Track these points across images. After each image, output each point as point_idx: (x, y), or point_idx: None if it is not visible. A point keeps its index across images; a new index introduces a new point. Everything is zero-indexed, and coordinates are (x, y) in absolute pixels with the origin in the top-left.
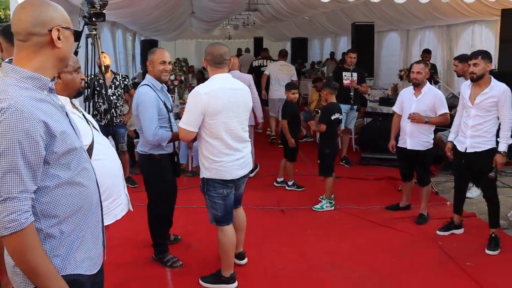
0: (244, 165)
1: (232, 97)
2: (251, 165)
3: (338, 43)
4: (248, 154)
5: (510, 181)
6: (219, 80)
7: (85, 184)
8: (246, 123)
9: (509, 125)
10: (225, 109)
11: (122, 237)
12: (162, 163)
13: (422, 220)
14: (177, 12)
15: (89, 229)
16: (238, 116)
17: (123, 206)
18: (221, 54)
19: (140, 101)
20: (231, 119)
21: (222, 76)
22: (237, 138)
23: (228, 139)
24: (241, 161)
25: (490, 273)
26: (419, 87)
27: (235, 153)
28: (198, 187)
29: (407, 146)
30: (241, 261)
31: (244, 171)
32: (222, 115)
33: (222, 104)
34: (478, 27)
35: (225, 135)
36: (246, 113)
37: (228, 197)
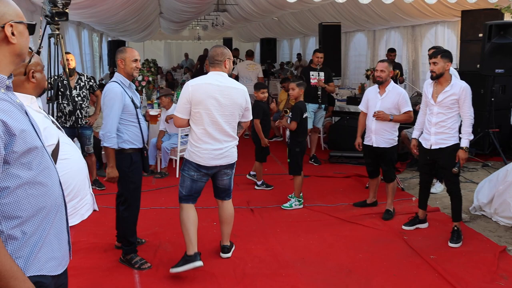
0: (221, 157)
1: (216, 92)
2: (230, 159)
3: (307, 44)
4: (229, 148)
5: (472, 176)
6: (208, 76)
7: (48, 184)
8: (233, 119)
9: (469, 122)
10: (206, 101)
11: (87, 241)
12: (132, 157)
13: (388, 216)
14: (144, 12)
15: (53, 229)
16: (222, 111)
17: (89, 206)
18: (213, 56)
19: (106, 95)
20: (213, 111)
21: (213, 73)
22: (219, 130)
23: (210, 129)
24: (218, 152)
25: (452, 264)
26: (383, 86)
27: (214, 143)
28: (167, 188)
29: (372, 144)
30: (223, 254)
31: (220, 162)
32: (203, 106)
33: (204, 96)
34: (441, 27)
35: (207, 125)
36: (232, 110)
37: (196, 181)
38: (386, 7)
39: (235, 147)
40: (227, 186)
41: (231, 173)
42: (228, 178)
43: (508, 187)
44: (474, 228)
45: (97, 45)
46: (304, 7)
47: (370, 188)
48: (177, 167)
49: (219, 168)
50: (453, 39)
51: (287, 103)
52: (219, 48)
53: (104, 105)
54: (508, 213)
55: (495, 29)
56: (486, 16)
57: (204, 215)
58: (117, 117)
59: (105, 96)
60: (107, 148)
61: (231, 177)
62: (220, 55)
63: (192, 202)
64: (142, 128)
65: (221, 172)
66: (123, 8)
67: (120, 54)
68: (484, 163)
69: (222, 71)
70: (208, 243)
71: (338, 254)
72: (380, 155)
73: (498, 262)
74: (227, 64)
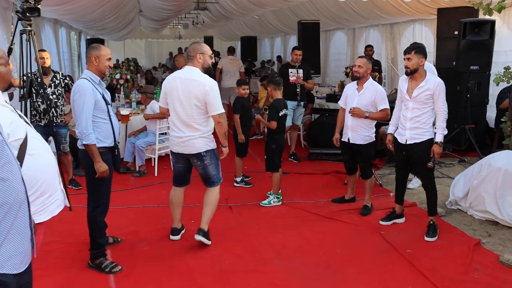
0: (182, 145)
1: (178, 84)
2: (192, 149)
3: (288, 42)
4: (190, 139)
5: (449, 172)
6: (179, 70)
7: (9, 179)
8: (191, 111)
9: (443, 117)
10: (171, 92)
11: (62, 241)
12: (103, 156)
13: (366, 211)
14: (123, 10)
15: (15, 225)
16: (181, 102)
17: (59, 202)
18: (187, 52)
19: (76, 91)
20: (175, 101)
21: (185, 68)
22: (179, 120)
23: (174, 117)
24: (180, 140)
25: (428, 258)
26: (361, 82)
27: (177, 132)
28: (145, 187)
29: (349, 140)
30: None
31: (182, 150)
32: (169, 97)
33: (169, 88)
34: (418, 25)
35: (172, 113)
36: (189, 101)
37: (175, 165)
38: (364, 5)
39: (198, 138)
40: (204, 176)
41: (203, 164)
42: (201, 168)
43: (482, 182)
44: (450, 222)
45: (75, 44)
46: (284, 5)
47: (348, 184)
48: (155, 166)
49: (187, 157)
50: (430, 36)
51: (267, 100)
52: (193, 44)
53: (74, 103)
54: (483, 206)
55: (470, 26)
56: (461, 14)
57: (182, 212)
58: (90, 113)
59: (75, 93)
60: (87, 145)
61: (205, 168)
62: (192, 50)
63: (177, 184)
64: (113, 126)
65: (193, 161)
66: (100, 6)
67: (95, 51)
68: (461, 158)
69: (194, 66)
70: (185, 240)
71: (315, 250)
72: (356, 152)
73: (472, 254)
74: (200, 59)
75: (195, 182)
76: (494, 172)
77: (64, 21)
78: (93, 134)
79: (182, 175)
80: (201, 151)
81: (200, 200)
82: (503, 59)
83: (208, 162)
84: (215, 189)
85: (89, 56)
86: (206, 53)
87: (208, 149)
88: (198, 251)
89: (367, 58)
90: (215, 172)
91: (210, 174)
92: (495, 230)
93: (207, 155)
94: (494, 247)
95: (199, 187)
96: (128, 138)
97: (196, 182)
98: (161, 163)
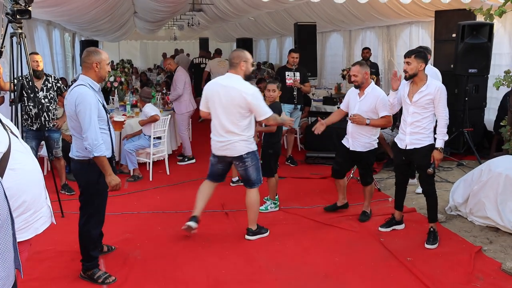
0: (223, 149)
1: (221, 91)
2: (233, 152)
3: (284, 44)
4: (230, 142)
5: (447, 176)
6: (222, 77)
7: None
8: (233, 117)
9: (444, 122)
10: (212, 97)
11: (54, 250)
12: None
13: (365, 217)
14: (117, 11)
15: None
16: (224, 108)
17: (45, 219)
18: (230, 59)
19: (80, 101)
20: (217, 108)
21: (227, 74)
22: (221, 126)
23: (216, 123)
24: (221, 145)
25: (429, 266)
26: (363, 88)
27: (218, 137)
28: (139, 192)
29: (349, 147)
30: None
31: (223, 153)
32: (211, 102)
33: (211, 94)
34: (415, 27)
35: (214, 119)
36: (231, 108)
37: (213, 165)
38: (361, 7)
39: (239, 142)
40: (244, 177)
41: (244, 165)
42: (242, 169)
43: (482, 187)
44: (450, 228)
45: (69, 45)
46: (280, 6)
47: (338, 190)
48: (150, 170)
49: (228, 159)
50: (427, 39)
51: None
52: (236, 52)
53: (79, 114)
54: (483, 212)
55: (468, 29)
56: (459, 17)
57: (177, 219)
58: (97, 123)
59: (79, 103)
60: (98, 157)
61: (246, 169)
62: (236, 58)
63: (210, 179)
64: (112, 135)
65: (235, 163)
66: (94, 7)
67: (96, 56)
68: (459, 162)
69: (236, 73)
70: (181, 248)
71: (314, 258)
72: (357, 159)
73: (474, 262)
74: (243, 66)
75: (190, 186)
76: (495, 177)
77: (58, 23)
78: (103, 145)
79: (219, 174)
80: (243, 154)
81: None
82: (501, 62)
83: (249, 163)
84: (254, 190)
85: (89, 62)
86: (248, 60)
87: (249, 151)
88: (193, 260)
89: (360, 64)
90: (255, 174)
91: (251, 176)
92: (496, 236)
93: (249, 157)
94: (495, 254)
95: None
96: (122, 141)
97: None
98: (156, 168)
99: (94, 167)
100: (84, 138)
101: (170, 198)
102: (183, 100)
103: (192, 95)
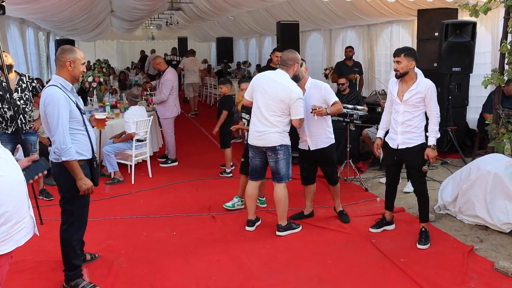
0: (259, 139)
1: (269, 83)
2: (268, 143)
3: (263, 43)
4: (267, 133)
5: (432, 175)
6: (272, 71)
7: None
8: (275, 109)
9: (436, 120)
10: (258, 88)
11: (33, 259)
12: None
13: (345, 217)
14: (94, 10)
15: None
16: (265, 100)
17: (27, 230)
18: (284, 59)
19: (48, 102)
20: (260, 98)
21: (277, 70)
22: (261, 115)
23: (256, 112)
24: (258, 134)
25: (422, 267)
26: (301, 85)
27: (257, 126)
28: (122, 196)
29: (309, 147)
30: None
31: (259, 143)
32: (255, 92)
33: (258, 84)
34: (396, 27)
35: (255, 108)
36: (274, 102)
37: (252, 159)
38: (343, 6)
39: (275, 133)
40: (274, 170)
41: (276, 157)
42: (274, 161)
43: (471, 186)
44: (440, 227)
45: (43, 45)
46: (260, 5)
47: (306, 197)
48: (132, 173)
49: (264, 150)
50: (407, 38)
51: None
52: (290, 53)
53: (47, 115)
54: (472, 211)
55: (452, 28)
56: (441, 15)
57: (162, 223)
58: (66, 125)
59: (48, 104)
60: (67, 162)
61: (277, 162)
62: (291, 59)
63: (253, 179)
64: (90, 136)
65: (268, 154)
66: (69, 6)
67: (70, 55)
68: (443, 160)
69: (287, 72)
70: (167, 253)
71: (307, 261)
72: (320, 158)
73: (467, 262)
74: (296, 68)
75: (174, 189)
76: (484, 176)
77: (32, 21)
78: (72, 148)
79: (258, 170)
80: (276, 145)
81: (184, 211)
82: (481, 60)
83: (281, 156)
84: (282, 185)
85: (63, 60)
86: (299, 62)
87: (283, 144)
88: (181, 266)
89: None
90: (285, 168)
91: (280, 170)
92: (486, 235)
93: (281, 149)
94: (487, 253)
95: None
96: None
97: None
98: (138, 171)
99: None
100: (52, 141)
101: (154, 201)
102: (168, 105)
103: (178, 99)
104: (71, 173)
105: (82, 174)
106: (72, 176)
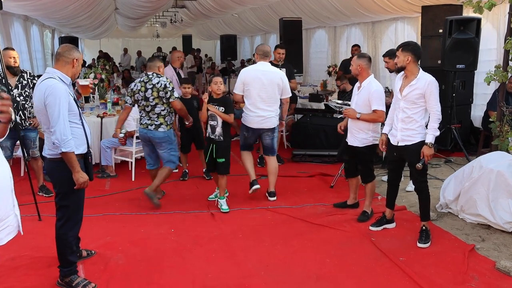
0: (263, 122)
1: (261, 75)
2: (270, 124)
3: (268, 40)
4: (269, 116)
5: (436, 173)
6: (256, 65)
7: None
8: (275, 93)
9: (436, 117)
10: (253, 81)
11: (30, 256)
12: None
13: (364, 217)
14: (97, 7)
15: None
16: (266, 88)
17: (11, 228)
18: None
19: (49, 92)
20: (260, 88)
21: (259, 63)
22: (264, 102)
23: (257, 101)
24: (261, 119)
25: (422, 266)
26: (360, 81)
27: (259, 112)
28: (121, 193)
29: (348, 142)
30: (270, 198)
31: (261, 126)
32: (251, 85)
33: (251, 78)
34: (401, 24)
35: (256, 98)
36: (272, 88)
37: (246, 138)
38: (346, 3)
39: (274, 116)
40: (269, 145)
41: (272, 135)
42: (270, 138)
43: (474, 184)
44: (442, 226)
45: (49, 42)
46: (264, 2)
47: (350, 188)
48: (132, 170)
49: (263, 131)
50: (412, 35)
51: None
52: (264, 46)
53: (47, 106)
54: (475, 210)
55: (456, 24)
56: (445, 12)
57: (161, 221)
58: (67, 117)
59: (49, 95)
60: (66, 153)
61: (273, 139)
62: (268, 52)
63: (245, 149)
64: (86, 130)
65: (265, 134)
66: (71, 2)
67: (77, 53)
68: (447, 159)
69: (266, 61)
70: (164, 252)
71: (304, 259)
72: (355, 154)
73: (468, 261)
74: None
75: (174, 186)
76: (486, 174)
77: (36, 18)
78: (72, 140)
79: (250, 144)
80: (274, 126)
81: (181, 207)
82: (487, 57)
83: (276, 134)
84: (274, 158)
85: (70, 57)
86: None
87: (277, 124)
88: (178, 264)
89: (357, 55)
90: (276, 144)
91: (274, 145)
92: (488, 234)
93: (276, 129)
94: (489, 252)
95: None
96: (102, 141)
97: (175, 186)
98: (138, 167)
99: (65, 165)
100: (52, 132)
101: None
102: None
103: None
104: (68, 165)
105: (79, 167)
106: (66, 171)
